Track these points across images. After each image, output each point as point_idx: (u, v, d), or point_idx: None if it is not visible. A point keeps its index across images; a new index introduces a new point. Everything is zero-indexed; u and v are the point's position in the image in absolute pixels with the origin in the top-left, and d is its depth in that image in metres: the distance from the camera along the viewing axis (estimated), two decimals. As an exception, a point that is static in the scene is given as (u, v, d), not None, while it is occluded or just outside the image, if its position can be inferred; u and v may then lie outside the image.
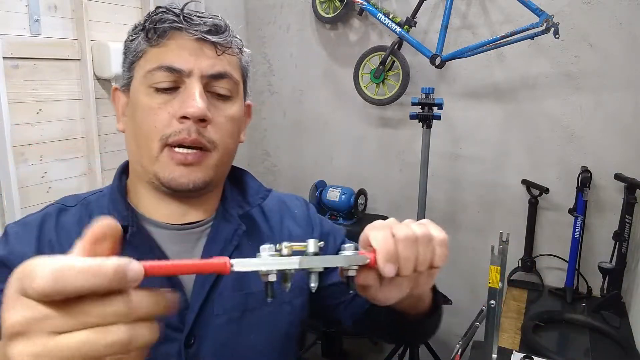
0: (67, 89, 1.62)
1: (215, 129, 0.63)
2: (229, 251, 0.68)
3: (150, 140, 0.61)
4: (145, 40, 0.62)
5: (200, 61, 0.61)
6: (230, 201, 0.72)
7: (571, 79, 1.82)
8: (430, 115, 1.73)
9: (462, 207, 2.12)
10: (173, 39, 0.61)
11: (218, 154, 0.64)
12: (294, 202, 0.82)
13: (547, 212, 1.94)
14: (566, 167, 1.88)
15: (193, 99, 0.60)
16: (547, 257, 1.95)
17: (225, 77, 0.64)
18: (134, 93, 0.64)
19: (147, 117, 0.61)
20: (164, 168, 0.62)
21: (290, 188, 2.53)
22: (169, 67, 0.60)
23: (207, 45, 0.62)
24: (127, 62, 0.65)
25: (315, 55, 2.33)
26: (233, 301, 0.67)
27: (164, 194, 0.66)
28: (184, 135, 0.60)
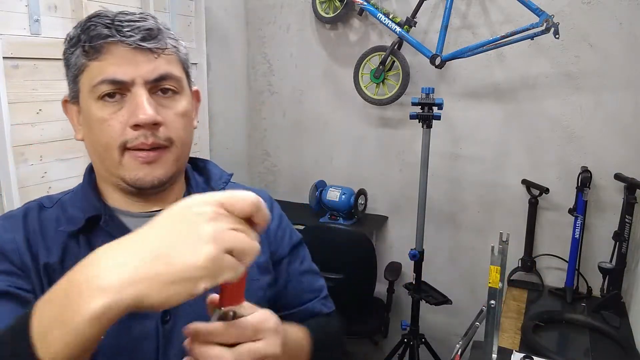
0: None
1: (169, 127, 0.66)
2: None
3: (110, 149, 0.64)
4: (84, 55, 0.64)
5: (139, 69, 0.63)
6: (194, 188, 0.76)
7: (571, 79, 1.83)
8: (430, 115, 1.73)
9: (462, 207, 2.12)
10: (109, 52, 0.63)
11: (176, 149, 0.67)
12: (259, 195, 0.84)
13: (547, 212, 1.94)
14: (566, 167, 1.88)
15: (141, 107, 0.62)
16: (547, 257, 1.95)
17: (167, 78, 0.66)
18: (85, 105, 0.66)
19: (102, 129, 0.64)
20: (129, 170, 0.65)
21: (290, 188, 2.53)
22: (112, 80, 0.62)
23: (144, 52, 0.64)
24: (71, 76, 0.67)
25: (315, 55, 2.33)
26: None
27: (131, 192, 0.69)
28: (140, 140, 0.63)
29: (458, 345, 1.44)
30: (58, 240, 0.67)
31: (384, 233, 2.34)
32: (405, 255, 1.91)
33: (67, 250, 0.67)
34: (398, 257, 2.26)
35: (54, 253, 0.66)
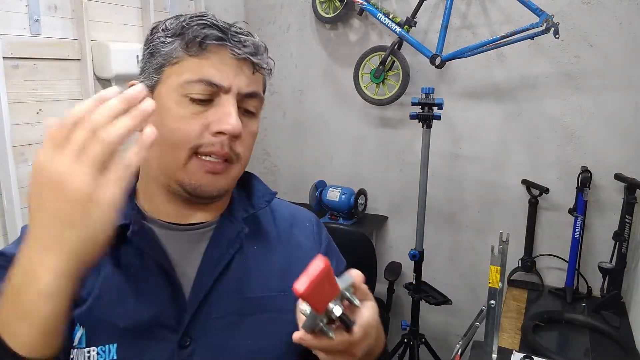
0: (67, 89, 1.62)
1: (242, 143, 0.66)
2: (231, 253, 0.69)
3: (179, 148, 0.62)
4: (184, 49, 0.63)
5: (238, 79, 0.64)
6: (236, 204, 0.74)
7: (571, 79, 1.83)
8: (430, 115, 1.73)
9: (462, 207, 2.12)
10: (214, 53, 0.63)
11: (240, 166, 0.68)
12: (306, 216, 0.84)
13: (547, 212, 1.94)
14: (566, 167, 1.88)
15: (231, 116, 0.62)
16: (547, 257, 1.95)
17: (256, 97, 0.67)
18: (163, 98, 0.64)
19: (179, 126, 0.62)
20: (192, 175, 0.64)
21: (290, 188, 2.53)
22: (209, 82, 0.62)
23: (247, 64, 0.65)
24: (156, 64, 0.65)
25: (315, 55, 2.33)
26: (232, 305, 0.67)
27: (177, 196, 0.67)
28: (217, 148, 0.63)
29: (458, 345, 1.44)
30: None
31: (384, 233, 2.34)
32: (405, 255, 1.91)
33: None
34: (398, 257, 2.26)
35: None
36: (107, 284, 0.63)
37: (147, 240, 0.65)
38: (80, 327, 0.62)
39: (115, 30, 1.76)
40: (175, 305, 0.64)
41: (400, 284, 2.05)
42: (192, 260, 0.67)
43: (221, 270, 0.67)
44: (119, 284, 0.64)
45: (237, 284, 0.68)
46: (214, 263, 0.67)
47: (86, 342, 0.62)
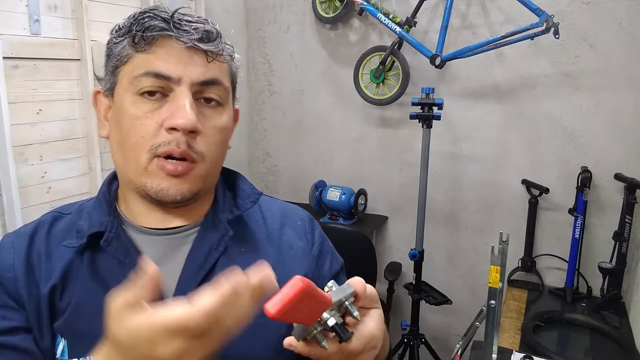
0: (67, 89, 1.62)
1: (204, 139, 0.61)
2: (215, 257, 0.65)
3: (138, 151, 0.59)
4: (131, 46, 0.60)
5: (190, 69, 0.59)
6: (221, 206, 0.70)
7: (571, 79, 1.83)
8: (430, 115, 1.73)
9: (462, 207, 2.12)
10: (161, 46, 0.59)
11: (205, 165, 0.63)
12: (297, 214, 0.80)
13: (547, 212, 1.94)
14: (566, 167, 1.88)
15: (183, 109, 0.58)
16: (547, 257, 1.95)
17: (215, 84, 0.62)
18: (119, 100, 0.61)
19: (134, 127, 0.59)
20: (152, 179, 0.60)
21: (290, 188, 2.53)
22: (157, 73, 0.58)
23: (198, 53, 0.60)
24: (111, 66, 0.63)
25: (315, 55, 2.33)
26: None
27: (151, 202, 0.64)
28: (172, 146, 0.58)
29: (458, 345, 1.45)
30: (64, 257, 0.63)
31: (384, 233, 2.34)
32: (405, 255, 1.91)
33: (71, 269, 0.63)
34: (398, 257, 2.26)
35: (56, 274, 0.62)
36: (86, 294, 0.61)
37: (123, 248, 0.62)
38: (62, 338, 0.61)
39: (115, 30, 1.76)
40: None
41: (400, 284, 2.05)
42: (174, 266, 0.64)
43: (204, 275, 0.64)
44: (98, 294, 0.60)
45: None
46: (197, 267, 0.64)
47: (68, 353, 0.60)
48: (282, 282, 0.64)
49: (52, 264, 0.63)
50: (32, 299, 0.61)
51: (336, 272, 0.78)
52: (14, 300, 0.61)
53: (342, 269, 0.80)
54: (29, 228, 0.67)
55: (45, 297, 0.61)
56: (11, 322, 0.60)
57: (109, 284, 0.61)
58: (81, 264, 0.63)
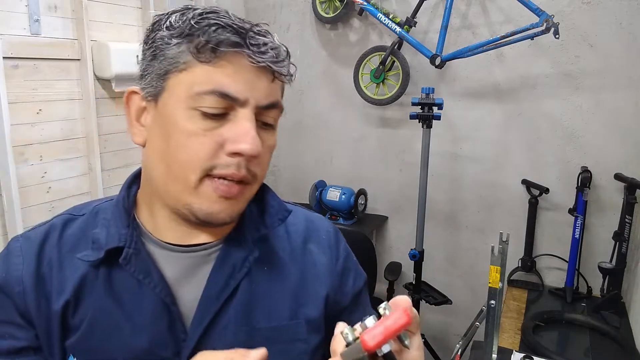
0: (67, 89, 1.62)
1: (260, 162, 0.58)
2: (237, 280, 0.62)
3: (189, 170, 0.54)
4: (193, 54, 0.53)
5: (256, 90, 0.55)
6: (247, 222, 0.65)
7: (571, 79, 1.82)
8: (430, 115, 1.73)
9: (462, 207, 2.12)
10: (229, 60, 0.54)
11: (256, 186, 0.60)
12: (322, 225, 0.74)
13: (547, 212, 1.94)
14: (566, 167, 1.88)
15: (249, 134, 0.54)
16: (547, 257, 1.95)
17: (276, 107, 0.59)
18: (169, 110, 0.55)
19: (189, 144, 0.54)
20: (203, 200, 0.56)
21: (290, 188, 2.53)
22: (224, 94, 0.53)
23: (266, 73, 0.56)
24: (159, 69, 0.56)
25: (315, 55, 2.33)
26: (237, 337, 0.60)
27: (184, 219, 0.59)
28: (232, 170, 0.55)
29: (458, 345, 1.44)
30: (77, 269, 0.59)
31: (384, 233, 2.34)
32: (405, 255, 1.91)
33: (85, 283, 0.59)
34: (398, 257, 2.26)
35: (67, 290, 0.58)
36: (101, 312, 0.58)
37: (142, 266, 0.59)
38: (73, 357, 0.58)
39: (115, 30, 1.76)
40: (173, 335, 0.58)
41: (400, 284, 2.05)
42: (194, 285, 0.61)
43: (226, 298, 0.60)
44: (113, 312, 0.58)
45: (244, 312, 0.61)
46: (219, 289, 0.60)
47: None
48: (303, 302, 0.67)
49: (65, 275, 0.59)
50: (41, 315, 0.58)
51: (359, 289, 0.73)
52: (22, 317, 0.58)
53: (365, 285, 0.75)
54: (39, 233, 0.62)
55: (57, 314, 0.58)
56: (19, 341, 0.58)
57: (125, 302, 0.59)
58: (96, 279, 0.59)
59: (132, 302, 0.59)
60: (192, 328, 0.59)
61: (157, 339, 0.58)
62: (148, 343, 0.58)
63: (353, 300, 0.71)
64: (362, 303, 0.73)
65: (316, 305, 0.66)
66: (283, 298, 0.64)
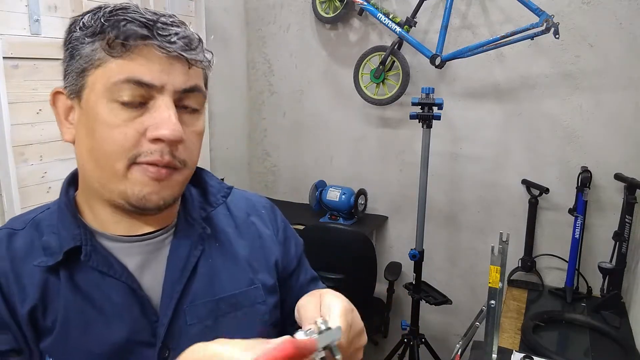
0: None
1: (186, 147, 0.60)
2: (196, 256, 0.66)
3: (115, 160, 0.56)
4: (106, 50, 0.56)
5: (172, 77, 0.57)
6: (191, 204, 0.69)
7: (571, 79, 1.82)
8: (430, 115, 1.73)
9: (462, 207, 2.12)
10: (140, 54, 0.56)
11: (186, 171, 0.62)
12: (259, 201, 0.81)
13: (547, 212, 1.94)
14: (566, 167, 1.88)
15: (169, 120, 0.56)
16: (547, 257, 1.95)
17: (196, 91, 0.60)
18: (90, 105, 0.57)
19: (112, 135, 0.56)
20: (135, 185, 0.57)
21: (290, 188, 2.53)
22: (139, 81, 0.55)
23: (179, 60, 0.58)
24: (77, 68, 0.58)
25: (315, 55, 2.33)
26: (205, 308, 0.65)
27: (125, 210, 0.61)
28: (156, 156, 0.57)
29: (458, 345, 1.44)
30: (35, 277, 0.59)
31: (384, 233, 2.34)
32: (405, 255, 1.91)
33: (47, 288, 0.59)
34: (398, 257, 2.26)
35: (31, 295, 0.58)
36: (71, 311, 0.59)
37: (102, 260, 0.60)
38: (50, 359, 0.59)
39: (115, 30, 1.76)
40: (147, 319, 0.61)
41: (400, 284, 2.05)
42: (156, 270, 0.64)
43: (188, 276, 0.64)
44: (84, 309, 0.59)
45: (207, 285, 0.66)
46: (180, 270, 0.64)
47: None
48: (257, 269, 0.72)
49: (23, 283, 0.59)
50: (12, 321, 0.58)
51: (300, 253, 0.81)
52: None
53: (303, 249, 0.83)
54: None
55: (25, 318, 0.58)
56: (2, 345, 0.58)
57: (93, 298, 0.60)
58: (58, 282, 0.60)
59: (101, 296, 0.60)
60: (162, 309, 0.62)
61: (132, 326, 0.60)
62: (125, 331, 0.60)
63: (297, 263, 0.79)
64: (304, 264, 0.82)
65: (268, 271, 0.73)
66: (239, 268, 0.70)
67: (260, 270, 0.72)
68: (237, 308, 0.67)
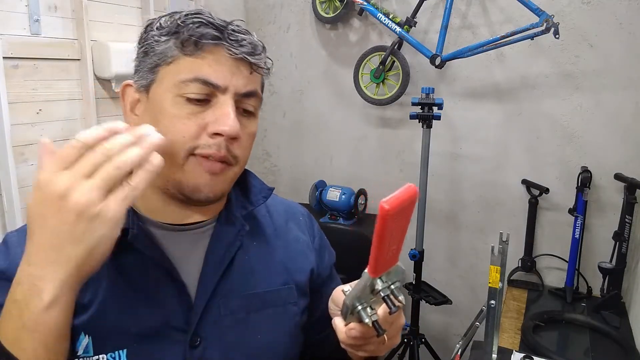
0: (67, 89, 1.62)
1: (240, 145, 0.65)
2: (232, 252, 0.69)
3: (176, 148, 0.61)
4: (179, 48, 0.62)
5: (235, 79, 0.63)
6: (234, 202, 0.73)
7: (571, 78, 1.82)
8: (430, 115, 1.73)
9: (462, 207, 2.12)
10: (210, 53, 0.61)
11: (238, 168, 0.67)
12: (298, 209, 0.86)
13: (547, 212, 1.94)
14: (566, 167, 1.88)
15: (229, 117, 0.61)
16: (547, 257, 1.95)
17: (254, 96, 0.66)
18: (158, 98, 0.63)
19: (175, 126, 0.61)
20: (190, 175, 0.62)
21: (290, 188, 2.53)
22: (205, 81, 0.61)
23: (244, 64, 0.64)
24: (150, 63, 0.64)
25: (315, 55, 2.33)
26: (239, 302, 0.68)
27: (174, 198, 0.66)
28: (214, 150, 0.62)
29: (458, 345, 1.45)
30: None
31: (384, 233, 2.34)
32: (405, 255, 1.91)
33: None
34: (398, 257, 2.26)
35: None
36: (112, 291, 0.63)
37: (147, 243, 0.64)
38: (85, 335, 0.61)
39: (115, 30, 1.76)
40: (182, 306, 0.64)
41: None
42: (194, 260, 0.67)
43: (225, 269, 0.68)
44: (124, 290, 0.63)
45: (242, 281, 0.69)
46: (217, 262, 0.68)
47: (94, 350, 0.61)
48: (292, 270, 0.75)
49: None
50: None
51: (333, 263, 0.86)
52: None
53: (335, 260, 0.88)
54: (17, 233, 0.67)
55: None
56: None
57: (134, 280, 0.63)
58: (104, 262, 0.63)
59: (142, 279, 0.64)
60: (197, 298, 0.65)
61: (168, 312, 0.64)
62: (162, 315, 0.63)
63: (330, 272, 0.84)
64: (335, 274, 0.87)
65: (303, 274, 0.76)
66: (274, 269, 0.73)
67: (295, 273, 0.75)
68: (269, 305, 0.70)
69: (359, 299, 0.54)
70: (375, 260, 0.50)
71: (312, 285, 0.78)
